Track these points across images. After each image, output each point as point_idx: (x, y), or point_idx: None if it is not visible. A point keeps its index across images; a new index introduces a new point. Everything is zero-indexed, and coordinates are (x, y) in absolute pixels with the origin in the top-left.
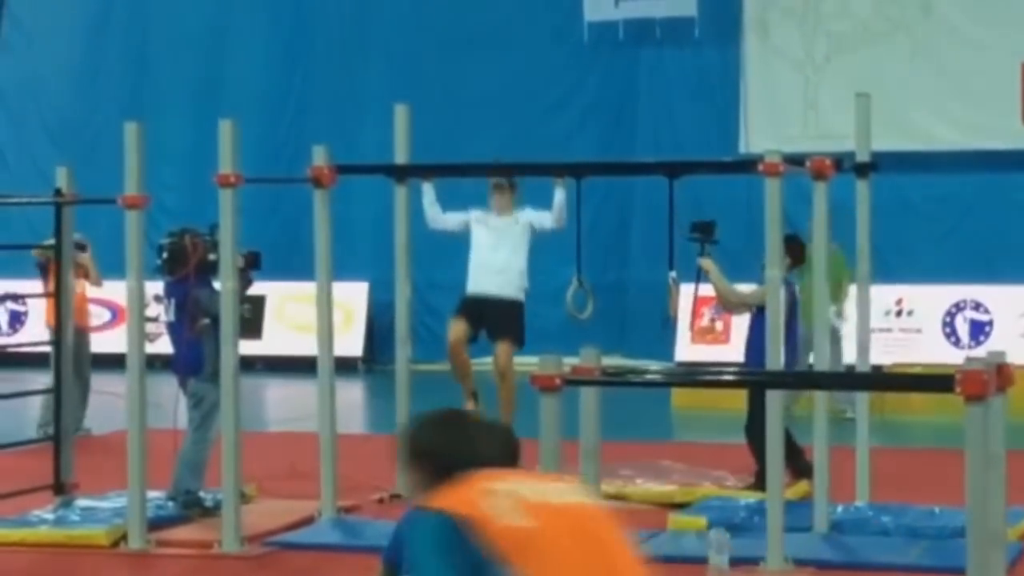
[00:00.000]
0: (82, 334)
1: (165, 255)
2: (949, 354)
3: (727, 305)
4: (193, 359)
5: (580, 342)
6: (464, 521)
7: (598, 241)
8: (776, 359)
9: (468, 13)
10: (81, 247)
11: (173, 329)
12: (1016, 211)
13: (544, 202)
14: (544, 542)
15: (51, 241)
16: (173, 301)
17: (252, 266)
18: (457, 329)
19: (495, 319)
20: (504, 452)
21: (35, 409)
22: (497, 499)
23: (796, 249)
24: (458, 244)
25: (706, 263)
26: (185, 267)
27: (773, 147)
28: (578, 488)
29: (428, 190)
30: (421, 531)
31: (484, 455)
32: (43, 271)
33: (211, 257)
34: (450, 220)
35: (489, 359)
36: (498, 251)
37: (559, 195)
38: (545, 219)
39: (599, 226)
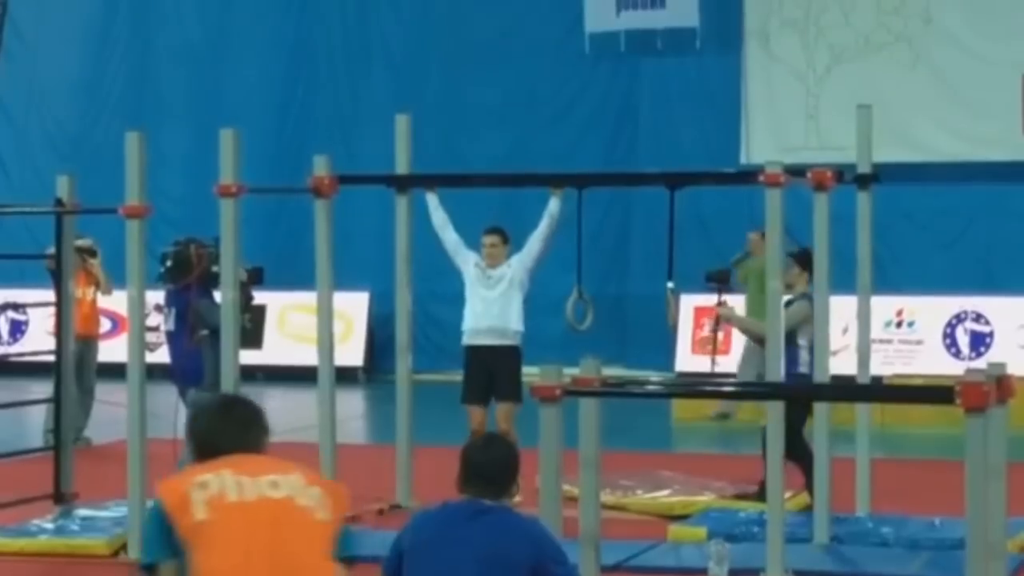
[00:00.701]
0: (89, 342)
1: (169, 263)
2: (949, 365)
3: (759, 339)
4: (193, 369)
5: (580, 353)
6: (167, 510)
7: (599, 252)
8: (776, 370)
9: (470, 23)
10: (91, 253)
11: (173, 339)
12: (1017, 222)
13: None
14: (215, 533)
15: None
16: (174, 310)
17: (255, 281)
18: (476, 418)
19: (496, 375)
20: (249, 440)
21: (36, 417)
22: (200, 491)
23: (811, 261)
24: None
25: (725, 311)
26: (188, 276)
27: (774, 158)
28: (291, 482)
29: (432, 198)
30: (148, 512)
31: (232, 443)
32: (56, 279)
33: (215, 268)
34: (451, 239)
35: None
36: (494, 303)
37: (553, 204)
38: (534, 245)
39: (600, 237)
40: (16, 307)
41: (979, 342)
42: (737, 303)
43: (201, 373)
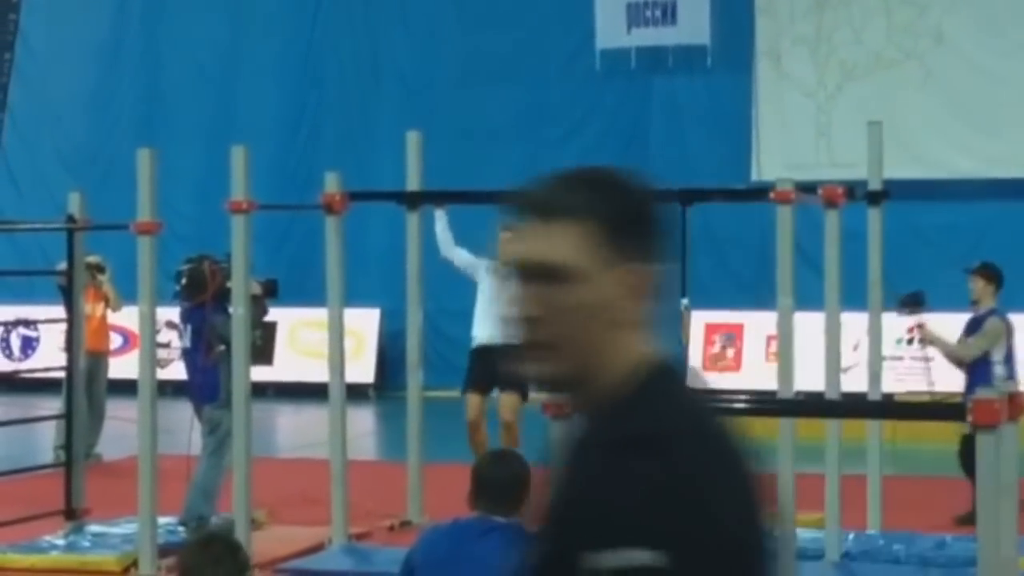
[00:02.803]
0: (99, 358)
1: (184, 281)
2: (961, 383)
3: (961, 362)
4: (209, 386)
5: None
6: None
7: None
8: (788, 386)
9: (481, 41)
10: (100, 269)
11: (188, 355)
12: None
13: None
14: None
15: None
16: (189, 327)
17: (269, 294)
18: (473, 407)
19: (501, 370)
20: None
21: (47, 433)
22: None
23: (996, 275)
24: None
25: (928, 334)
26: (203, 293)
27: (785, 175)
28: None
29: (441, 217)
30: None
31: None
32: (66, 295)
33: (229, 284)
34: (460, 256)
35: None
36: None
37: None
38: None
39: None
40: (27, 323)
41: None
42: (937, 323)
43: (217, 389)
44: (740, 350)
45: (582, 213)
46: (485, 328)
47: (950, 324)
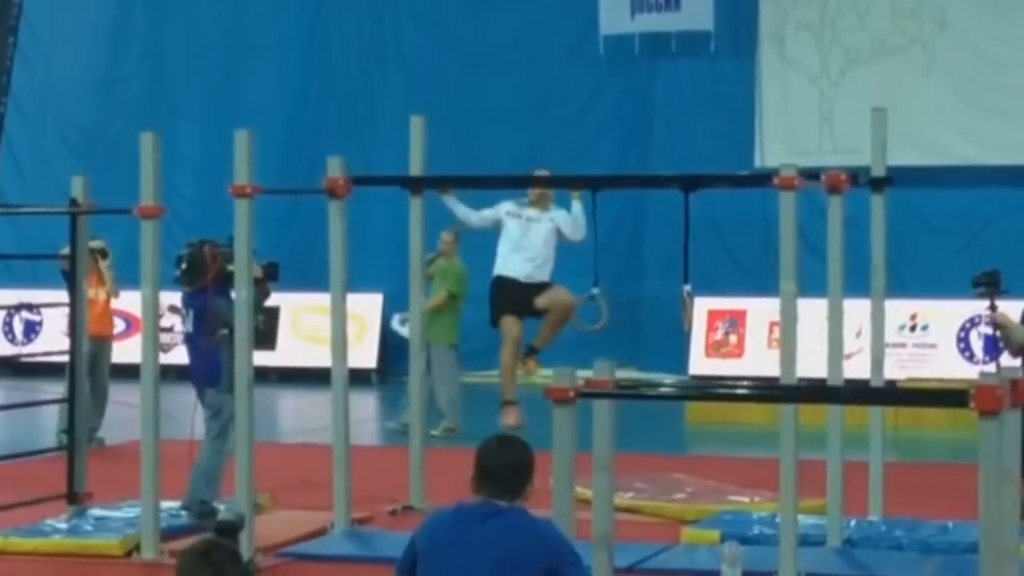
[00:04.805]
0: (103, 343)
1: (184, 266)
2: (963, 369)
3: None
4: (211, 370)
5: (594, 355)
6: None
7: (613, 254)
8: (791, 372)
9: (484, 26)
10: (103, 254)
11: (191, 340)
12: None
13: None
14: None
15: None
16: (191, 312)
17: (270, 277)
18: (513, 324)
19: (533, 294)
20: None
21: (50, 417)
22: None
23: None
24: (474, 257)
25: (1001, 318)
26: (204, 278)
27: (788, 161)
28: None
29: (450, 199)
30: None
31: None
32: (69, 280)
33: (229, 268)
34: (483, 217)
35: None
36: (530, 241)
37: (576, 207)
38: (565, 224)
39: (614, 239)
40: (30, 307)
41: (993, 346)
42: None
43: (220, 373)
44: (743, 336)
45: None
46: (509, 267)
47: (949, 311)
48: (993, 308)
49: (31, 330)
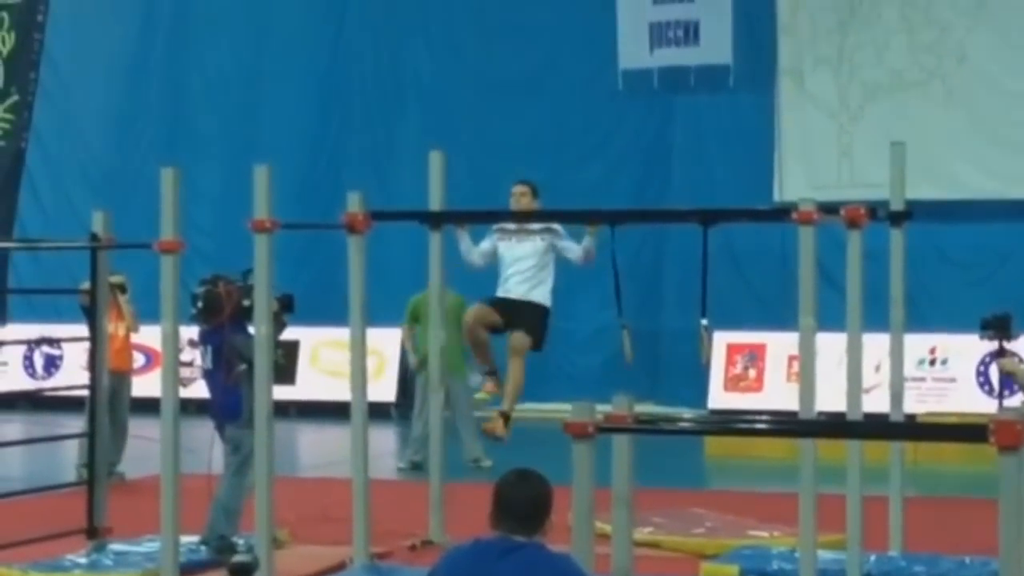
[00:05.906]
0: (122, 377)
1: (200, 304)
2: (983, 403)
3: None
4: (231, 405)
5: (613, 389)
6: None
7: (631, 287)
8: (810, 407)
9: (503, 60)
10: (122, 289)
11: (210, 376)
12: None
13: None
14: None
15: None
16: (210, 348)
17: (286, 309)
18: (479, 310)
19: (517, 314)
20: None
21: (70, 452)
22: None
23: None
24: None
25: (1008, 364)
26: (221, 315)
27: (807, 195)
28: None
29: (463, 236)
30: None
31: None
32: (88, 314)
33: (245, 303)
34: (482, 251)
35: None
36: (523, 260)
37: (587, 241)
38: (571, 250)
39: (633, 272)
40: (50, 342)
41: (1010, 386)
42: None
43: (239, 409)
44: (762, 370)
45: None
46: (504, 288)
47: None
48: (1002, 352)
49: (51, 364)
